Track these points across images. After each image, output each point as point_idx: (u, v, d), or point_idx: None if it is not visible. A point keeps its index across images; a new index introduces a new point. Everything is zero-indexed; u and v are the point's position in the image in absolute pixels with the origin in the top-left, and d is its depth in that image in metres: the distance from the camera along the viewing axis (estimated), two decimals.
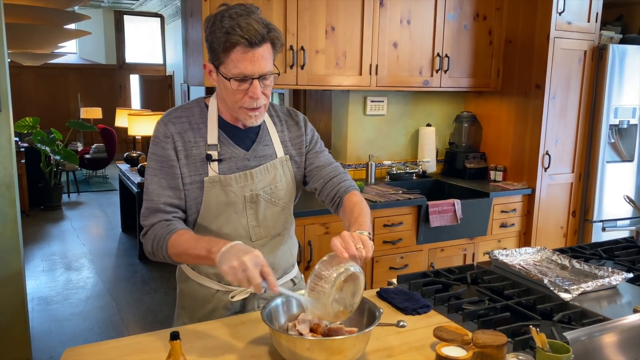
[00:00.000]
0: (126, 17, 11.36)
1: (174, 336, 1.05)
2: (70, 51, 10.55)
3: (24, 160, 6.58)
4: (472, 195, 3.33)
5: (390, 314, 1.49)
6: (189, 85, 4.77)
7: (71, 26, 8.20)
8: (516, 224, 3.46)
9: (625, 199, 2.43)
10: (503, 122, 3.66)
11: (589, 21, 3.39)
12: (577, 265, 1.83)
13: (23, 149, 6.74)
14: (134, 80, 11.22)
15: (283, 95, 4.80)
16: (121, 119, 7.15)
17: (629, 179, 3.64)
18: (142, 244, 1.44)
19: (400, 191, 3.18)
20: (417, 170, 3.69)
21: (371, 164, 3.49)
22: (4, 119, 2.60)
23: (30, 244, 5.51)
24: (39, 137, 6.67)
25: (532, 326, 1.16)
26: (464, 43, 3.44)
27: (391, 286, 1.71)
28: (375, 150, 3.65)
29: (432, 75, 3.36)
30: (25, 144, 7.07)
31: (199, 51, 2.74)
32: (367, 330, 1.17)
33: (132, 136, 5.96)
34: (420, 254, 3.14)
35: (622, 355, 1.23)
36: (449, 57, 3.38)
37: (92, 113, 9.90)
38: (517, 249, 1.96)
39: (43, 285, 4.47)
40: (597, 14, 3.41)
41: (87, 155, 8.40)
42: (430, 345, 1.30)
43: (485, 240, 3.34)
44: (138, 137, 6.17)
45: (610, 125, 3.51)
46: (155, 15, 11.03)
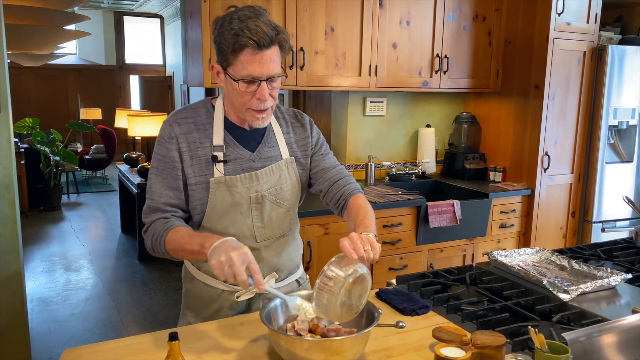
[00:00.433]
0: (126, 18, 11.36)
1: (173, 337, 1.05)
2: (70, 52, 10.56)
3: (23, 161, 6.58)
4: (472, 196, 3.33)
5: (390, 315, 1.49)
6: (188, 86, 4.78)
7: (71, 27, 8.21)
8: (515, 225, 3.46)
9: (625, 199, 2.43)
10: (502, 123, 3.66)
11: (588, 22, 3.40)
12: (576, 266, 1.83)
13: (23, 150, 6.74)
14: (134, 81, 11.21)
15: (282, 96, 4.81)
16: (121, 120, 7.15)
17: (628, 180, 3.64)
18: (144, 240, 1.46)
19: (400, 192, 3.18)
20: (417, 171, 3.69)
21: (370, 165, 3.49)
22: (3, 120, 2.60)
23: (29, 245, 5.51)
24: (39, 138, 6.67)
25: (531, 327, 1.16)
26: (464, 44, 3.44)
27: (390, 287, 1.71)
28: (374, 151, 3.65)
29: (432, 76, 3.36)
30: (24, 145, 7.06)
31: (199, 52, 2.74)
32: (366, 330, 1.17)
33: (132, 137, 5.96)
34: (420, 254, 3.14)
35: (621, 356, 1.23)
36: (448, 58, 3.38)
37: (92, 114, 9.90)
38: (516, 250, 1.96)
39: (42, 286, 4.47)
40: (597, 14, 3.41)
41: (87, 156, 8.40)
42: (429, 345, 1.30)
43: (485, 241, 3.34)
44: (138, 138, 6.18)
45: (610, 126, 3.51)
46: (155, 16, 11.03)
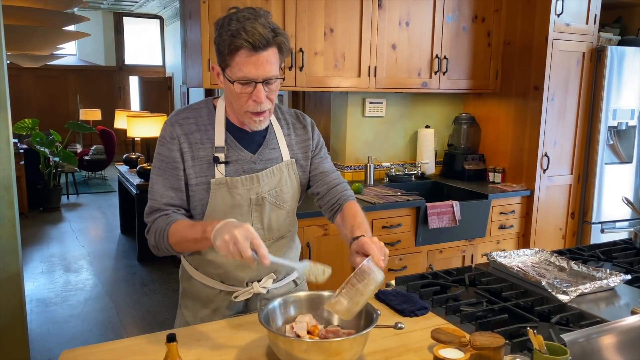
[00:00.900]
0: (125, 19, 11.37)
1: (171, 338, 1.05)
2: (69, 53, 10.57)
3: (23, 162, 6.58)
4: (471, 197, 3.33)
5: (388, 316, 1.49)
6: (188, 87, 4.77)
7: (70, 28, 8.21)
8: (515, 226, 3.46)
9: (624, 200, 2.43)
10: (502, 124, 3.66)
11: (587, 23, 3.40)
12: (575, 267, 1.83)
13: (22, 151, 6.73)
14: (134, 81, 11.22)
15: (282, 96, 4.81)
16: (120, 121, 7.16)
17: (627, 181, 3.64)
18: (147, 240, 1.47)
19: (399, 193, 3.18)
20: (416, 171, 3.69)
21: (370, 166, 3.49)
22: (2, 121, 2.60)
23: (29, 246, 5.51)
24: (38, 139, 6.67)
25: (530, 328, 1.16)
26: (463, 45, 3.45)
27: (389, 288, 1.71)
28: (374, 151, 3.65)
29: (431, 77, 3.36)
30: (24, 146, 7.06)
31: (198, 53, 2.74)
32: (365, 332, 1.17)
33: (132, 138, 5.96)
34: (419, 255, 3.14)
35: (620, 357, 1.23)
36: (447, 59, 3.38)
37: (92, 115, 9.90)
38: (515, 251, 1.96)
39: (42, 287, 4.47)
40: (596, 15, 3.41)
41: (86, 157, 8.40)
42: (428, 347, 1.30)
43: (484, 242, 3.34)
44: (137, 139, 6.18)
45: (609, 126, 3.51)
46: (155, 16, 11.04)
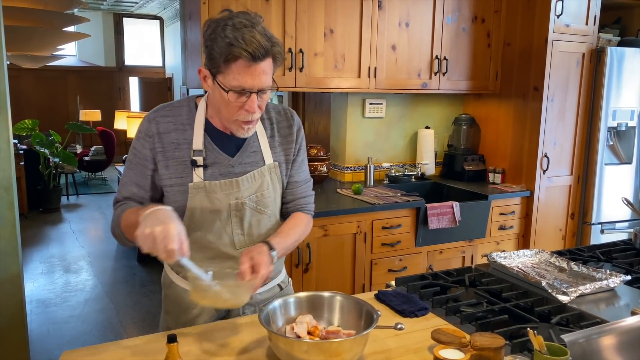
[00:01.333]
0: (125, 20, 11.37)
1: (171, 339, 1.05)
2: (69, 53, 10.57)
3: (22, 163, 6.58)
4: (471, 198, 3.33)
5: (389, 317, 1.49)
6: (188, 87, 4.77)
7: (70, 29, 8.22)
8: (515, 227, 3.46)
9: (624, 201, 2.43)
10: (501, 125, 3.66)
11: (587, 24, 3.40)
12: (575, 267, 1.83)
13: (22, 151, 6.73)
14: (133, 82, 11.22)
15: (282, 97, 4.82)
16: (120, 121, 7.17)
17: (627, 182, 3.65)
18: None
19: (399, 193, 3.18)
20: (416, 172, 3.69)
21: (370, 166, 3.49)
22: (2, 121, 2.60)
23: (28, 247, 5.50)
24: (38, 140, 6.67)
25: (530, 328, 1.16)
26: (463, 46, 3.45)
27: (389, 288, 1.71)
28: (374, 152, 3.65)
29: (431, 78, 3.36)
30: (24, 146, 7.06)
31: (198, 53, 2.75)
32: (365, 332, 1.17)
33: (131, 138, 5.96)
34: (419, 256, 3.14)
35: (620, 358, 1.23)
36: (447, 60, 3.39)
37: (91, 115, 9.90)
38: (515, 252, 1.96)
39: (41, 287, 4.47)
40: (595, 16, 3.42)
41: (86, 158, 8.40)
42: (428, 347, 1.30)
43: (484, 243, 3.34)
44: None
45: (609, 127, 3.51)
46: (155, 17, 11.05)
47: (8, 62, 2.94)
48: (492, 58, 3.58)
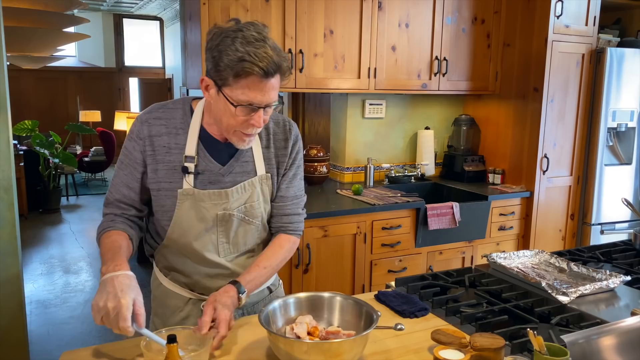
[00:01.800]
0: (125, 21, 11.37)
1: (171, 339, 1.05)
2: (69, 54, 10.56)
3: (22, 163, 6.58)
4: (471, 198, 3.33)
5: (388, 317, 1.49)
6: (188, 88, 4.77)
7: (70, 29, 8.22)
8: (515, 227, 3.46)
9: (623, 201, 2.43)
10: (501, 125, 3.66)
11: (586, 25, 3.40)
12: (575, 268, 1.83)
13: (22, 152, 6.73)
14: (133, 83, 11.22)
15: (282, 98, 4.82)
16: (120, 122, 7.17)
17: (627, 182, 3.65)
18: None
19: (399, 194, 3.18)
20: (416, 173, 3.69)
21: (370, 167, 3.49)
22: (2, 122, 2.60)
23: (28, 247, 5.50)
24: (38, 140, 6.67)
25: (530, 329, 1.16)
26: (463, 46, 3.45)
27: (389, 289, 1.71)
28: (373, 153, 3.65)
29: (431, 79, 3.36)
30: (24, 147, 7.06)
31: (198, 54, 2.75)
32: (365, 333, 1.17)
33: None
34: (419, 256, 3.14)
35: (620, 358, 1.23)
36: (447, 61, 3.39)
37: (91, 116, 9.90)
38: (515, 252, 1.96)
39: (41, 288, 4.47)
40: (595, 17, 3.42)
41: (86, 158, 8.40)
42: (428, 348, 1.30)
43: (484, 243, 3.34)
44: None
45: (609, 128, 3.52)
46: (155, 18, 11.05)
47: (8, 63, 2.94)
48: (492, 59, 3.58)
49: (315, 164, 3.37)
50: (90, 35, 7.22)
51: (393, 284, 1.75)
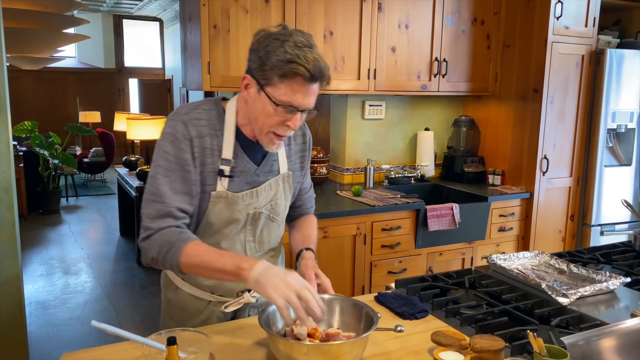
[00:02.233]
0: (125, 21, 11.37)
1: (171, 341, 1.05)
2: (69, 55, 10.56)
3: (22, 164, 6.58)
4: (471, 200, 3.33)
5: (388, 319, 1.49)
6: (187, 89, 4.76)
7: (70, 30, 8.21)
8: (514, 228, 3.46)
9: (623, 203, 2.43)
10: (501, 126, 3.67)
11: (586, 26, 3.40)
12: (575, 269, 1.83)
13: (21, 153, 6.73)
14: (133, 84, 11.22)
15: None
16: (120, 123, 7.16)
17: (627, 183, 3.65)
18: (142, 248, 1.35)
19: (399, 195, 3.18)
20: (416, 174, 3.69)
21: (369, 168, 3.49)
22: (2, 123, 2.60)
23: (28, 248, 5.50)
24: (38, 141, 6.67)
25: (530, 331, 1.16)
26: (462, 47, 3.45)
27: (389, 291, 1.71)
28: (373, 154, 3.65)
29: (430, 80, 3.37)
30: (23, 148, 7.06)
31: (198, 55, 2.75)
32: (364, 335, 1.17)
33: (131, 140, 5.96)
34: (419, 258, 3.13)
35: None
36: (447, 62, 3.39)
37: (91, 117, 9.90)
38: (515, 254, 1.96)
39: (41, 289, 4.46)
40: (595, 18, 3.42)
41: (86, 159, 8.40)
42: (428, 350, 1.30)
43: (484, 245, 3.34)
44: (137, 141, 6.18)
45: (608, 129, 3.52)
46: (155, 19, 11.05)
47: (8, 64, 2.94)
48: (492, 60, 3.58)
49: (315, 165, 3.37)
50: (90, 36, 7.23)
51: (393, 285, 1.75)
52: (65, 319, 3.88)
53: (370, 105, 3.57)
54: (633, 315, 1.45)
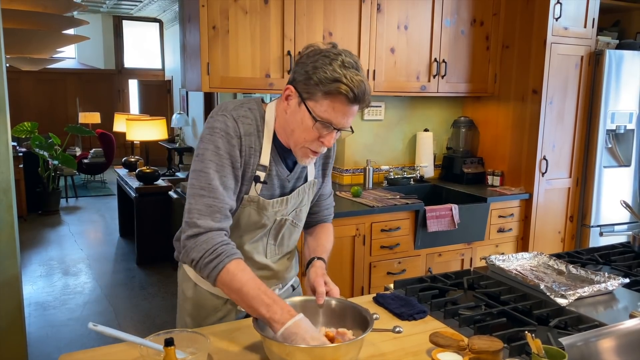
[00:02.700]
0: (125, 22, 11.37)
1: (168, 342, 1.05)
2: (69, 56, 10.56)
3: (22, 165, 6.57)
4: (470, 200, 3.33)
5: (387, 320, 1.49)
6: (187, 90, 4.76)
7: (70, 31, 8.20)
8: (514, 229, 3.46)
9: (622, 204, 2.43)
10: (500, 127, 3.67)
11: (585, 27, 3.41)
12: (574, 270, 1.83)
13: (21, 154, 6.73)
14: (133, 85, 11.22)
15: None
16: (119, 124, 7.16)
17: (626, 184, 3.65)
18: (185, 246, 1.30)
19: (398, 196, 3.18)
20: (415, 175, 3.69)
21: (369, 169, 3.49)
22: (1, 124, 2.60)
23: (27, 249, 5.50)
24: (37, 142, 6.67)
25: (528, 332, 1.16)
26: (461, 48, 3.45)
27: (388, 291, 1.71)
28: (372, 155, 3.65)
29: (430, 81, 3.37)
30: (23, 149, 7.06)
31: (197, 56, 2.75)
32: (361, 337, 1.17)
33: (131, 141, 5.96)
34: (418, 259, 3.13)
35: None
36: (446, 63, 3.39)
37: (91, 118, 9.90)
38: (514, 254, 1.96)
39: (40, 290, 4.46)
40: (594, 19, 3.42)
41: (86, 160, 8.40)
42: (426, 351, 1.30)
43: (483, 245, 3.34)
44: (136, 142, 6.18)
45: (607, 130, 3.52)
46: (154, 20, 11.06)
47: (7, 65, 2.95)
48: (491, 61, 3.58)
49: None
50: (89, 37, 7.23)
51: (392, 286, 1.75)
52: (65, 320, 3.88)
53: (369, 106, 3.56)
54: (632, 316, 1.45)
